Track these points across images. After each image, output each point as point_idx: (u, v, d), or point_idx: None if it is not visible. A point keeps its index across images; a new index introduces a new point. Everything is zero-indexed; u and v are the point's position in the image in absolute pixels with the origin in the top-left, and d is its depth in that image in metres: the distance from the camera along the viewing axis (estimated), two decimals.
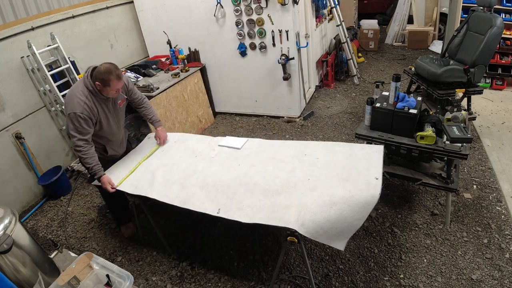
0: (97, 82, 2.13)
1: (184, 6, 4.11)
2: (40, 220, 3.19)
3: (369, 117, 2.54)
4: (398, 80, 2.41)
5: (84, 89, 2.15)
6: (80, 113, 2.10)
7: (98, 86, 2.14)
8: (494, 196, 2.75)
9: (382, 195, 1.80)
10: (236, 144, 2.45)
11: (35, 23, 3.34)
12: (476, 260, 2.24)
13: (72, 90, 2.19)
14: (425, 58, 3.49)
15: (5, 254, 1.77)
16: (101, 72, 2.11)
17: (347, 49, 5.20)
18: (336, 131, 4.01)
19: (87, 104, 2.13)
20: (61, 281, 1.59)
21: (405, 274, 2.21)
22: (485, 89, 4.33)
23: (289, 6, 3.67)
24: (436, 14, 6.56)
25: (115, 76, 2.13)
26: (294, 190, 1.88)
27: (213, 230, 2.75)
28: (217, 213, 1.88)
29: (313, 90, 5.06)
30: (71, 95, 2.15)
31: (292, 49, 3.93)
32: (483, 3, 3.20)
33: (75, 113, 2.09)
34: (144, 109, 2.66)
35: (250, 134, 4.20)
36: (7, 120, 3.18)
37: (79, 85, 2.18)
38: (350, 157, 2.09)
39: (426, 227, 2.53)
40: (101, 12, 4.07)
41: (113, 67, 2.15)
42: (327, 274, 2.28)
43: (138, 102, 2.63)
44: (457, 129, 2.23)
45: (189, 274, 2.41)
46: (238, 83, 4.47)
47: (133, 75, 3.94)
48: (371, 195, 1.74)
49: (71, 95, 2.15)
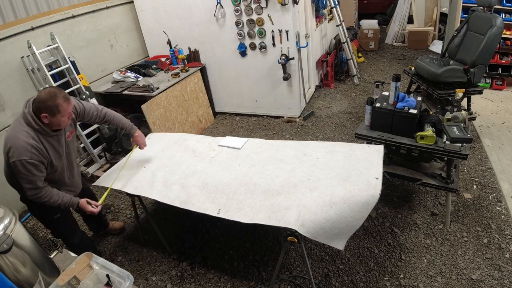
0: (44, 114, 1.79)
1: (184, 6, 4.11)
2: None
3: (369, 117, 2.55)
4: (398, 80, 2.41)
5: (28, 129, 1.80)
6: (28, 159, 1.78)
7: (45, 118, 1.80)
8: (494, 196, 2.75)
9: (382, 195, 1.80)
10: (236, 144, 2.45)
11: (35, 23, 3.34)
12: (476, 260, 2.24)
13: (13, 133, 1.81)
14: (425, 58, 3.49)
15: (5, 254, 1.77)
16: (45, 100, 1.78)
17: (347, 49, 5.19)
18: (336, 131, 4.01)
19: (34, 147, 1.80)
20: (61, 281, 1.59)
21: (405, 274, 2.21)
22: (485, 89, 4.33)
23: (289, 6, 3.67)
24: (436, 14, 6.55)
25: (62, 99, 1.81)
26: (294, 190, 1.88)
27: (213, 230, 2.75)
28: (217, 214, 1.88)
29: (313, 90, 5.06)
30: (13, 139, 1.79)
31: (292, 49, 3.94)
32: (483, 3, 3.20)
33: (22, 160, 1.77)
34: (110, 120, 2.29)
35: (250, 134, 4.20)
36: (7, 120, 3.18)
37: (19, 126, 1.82)
38: (350, 157, 2.09)
39: (426, 227, 2.53)
40: (101, 12, 4.07)
41: (55, 89, 1.86)
42: (327, 274, 2.28)
43: (100, 118, 2.23)
44: (457, 129, 2.23)
45: (189, 274, 2.41)
46: (238, 83, 4.47)
47: (133, 75, 3.95)
48: (371, 195, 1.74)
49: (13, 139, 1.79)
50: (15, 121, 1.87)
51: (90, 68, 3.97)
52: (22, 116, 1.83)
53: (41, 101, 1.78)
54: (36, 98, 1.82)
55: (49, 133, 1.88)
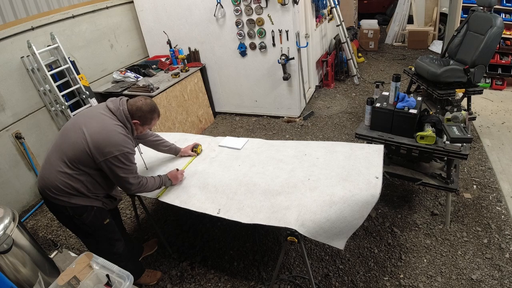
0: (136, 121, 1.85)
1: (184, 6, 4.11)
2: (40, 220, 3.19)
3: (369, 117, 2.55)
4: (398, 80, 2.41)
5: (121, 125, 1.81)
6: (131, 151, 1.79)
7: (134, 125, 1.87)
8: (494, 196, 2.75)
9: (382, 195, 1.80)
10: (236, 145, 2.45)
11: (35, 23, 3.34)
12: (476, 260, 2.24)
13: (106, 126, 1.76)
14: (425, 58, 3.49)
15: (5, 254, 1.77)
16: (145, 111, 1.84)
17: (347, 49, 5.19)
18: (336, 131, 4.01)
19: (130, 139, 1.82)
20: (61, 281, 1.59)
21: (405, 274, 2.21)
22: (485, 89, 4.33)
23: (289, 6, 3.67)
24: (436, 14, 6.56)
25: (157, 115, 1.92)
26: (294, 190, 1.88)
27: (213, 230, 2.75)
28: (217, 214, 1.88)
29: (313, 90, 5.06)
30: (108, 133, 1.74)
31: (292, 49, 3.94)
32: (483, 3, 3.20)
33: (125, 152, 1.75)
34: (159, 140, 2.33)
35: (250, 134, 4.20)
36: (7, 120, 3.18)
37: (110, 121, 1.78)
38: (350, 156, 2.09)
39: (426, 227, 2.53)
40: (101, 12, 4.07)
41: (154, 103, 1.91)
42: (327, 274, 2.28)
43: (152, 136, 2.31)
44: (457, 129, 2.23)
45: (189, 274, 2.41)
46: (238, 83, 4.47)
47: (133, 75, 3.94)
48: (371, 194, 1.74)
49: (109, 133, 1.74)
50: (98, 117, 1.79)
51: (90, 68, 3.97)
52: (114, 112, 1.80)
53: (141, 110, 1.83)
54: (133, 104, 1.84)
55: (132, 138, 1.88)
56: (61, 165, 1.76)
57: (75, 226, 1.93)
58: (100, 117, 1.79)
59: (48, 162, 1.81)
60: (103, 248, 2.02)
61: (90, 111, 1.88)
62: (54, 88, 3.32)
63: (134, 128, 1.89)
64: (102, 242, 2.02)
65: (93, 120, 1.79)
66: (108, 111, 1.82)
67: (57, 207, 1.85)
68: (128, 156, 1.78)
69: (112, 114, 1.81)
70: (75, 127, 1.79)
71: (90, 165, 1.78)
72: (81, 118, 1.83)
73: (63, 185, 1.77)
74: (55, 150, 1.81)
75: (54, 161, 1.78)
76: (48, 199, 1.83)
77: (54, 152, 1.81)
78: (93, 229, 1.93)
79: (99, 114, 1.81)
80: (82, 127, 1.76)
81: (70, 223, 1.93)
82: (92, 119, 1.79)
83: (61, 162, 1.76)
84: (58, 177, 1.76)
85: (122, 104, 1.84)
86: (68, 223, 1.94)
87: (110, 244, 2.05)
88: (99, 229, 1.96)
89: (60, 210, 1.87)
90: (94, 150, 1.72)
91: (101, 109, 1.83)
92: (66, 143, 1.77)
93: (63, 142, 1.79)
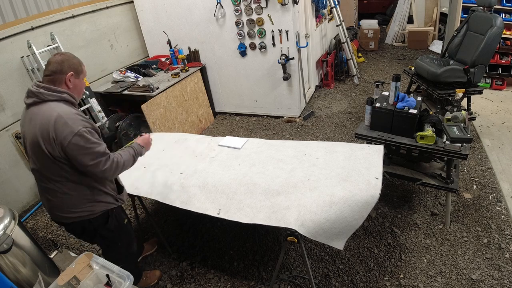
0: (70, 73, 1.57)
1: (184, 6, 4.11)
2: (40, 220, 3.19)
3: (369, 117, 2.55)
4: (398, 80, 2.41)
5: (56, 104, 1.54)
6: (84, 128, 1.53)
7: (71, 78, 1.58)
8: (494, 196, 2.75)
9: (382, 195, 1.80)
10: (236, 144, 2.45)
11: (35, 23, 3.34)
12: (476, 260, 2.24)
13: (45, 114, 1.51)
14: (425, 58, 3.49)
15: (5, 254, 1.77)
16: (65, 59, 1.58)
17: (347, 49, 5.19)
18: (336, 131, 4.01)
19: (78, 114, 1.58)
20: (61, 281, 1.59)
21: (405, 274, 2.21)
22: (485, 89, 4.33)
23: (289, 6, 3.67)
24: (436, 14, 6.55)
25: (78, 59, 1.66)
26: (294, 190, 1.88)
27: (213, 230, 2.75)
28: (218, 214, 1.88)
29: (313, 90, 5.06)
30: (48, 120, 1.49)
31: (292, 49, 3.94)
32: (483, 3, 3.20)
33: (80, 131, 1.50)
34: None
35: (250, 134, 4.20)
36: (7, 120, 3.18)
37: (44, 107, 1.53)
38: (350, 157, 2.09)
39: (426, 227, 2.53)
40: (101, 12, 4.07)
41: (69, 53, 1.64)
42: (327, 274, 2.28)
43: None
44: (457, 129, 2.23)
45: (189, 274, 2.41)
46: (238, 83, 4.47)
47: (133, 75, 3.94)
48: (371, 195, 1.74)
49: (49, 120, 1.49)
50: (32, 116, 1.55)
51: (90, 68, 3.97)
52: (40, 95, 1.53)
53: (61, 62, 1.55)
54: (48, 68, 1.56)
55: (76, 105, 1.64)
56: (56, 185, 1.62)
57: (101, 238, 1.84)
58: (32, 114, 1.55)
59: (44, 195, 1.69)
60: (122, 251, 1.96)
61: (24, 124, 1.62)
62: None
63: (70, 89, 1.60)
64: (122, 245, 1.94)
65: (31, 123, 1.55)
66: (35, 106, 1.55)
67: (81, 225, 1.75)
68: (83, 135, 1.51)
69: (39, 104, 1.54)
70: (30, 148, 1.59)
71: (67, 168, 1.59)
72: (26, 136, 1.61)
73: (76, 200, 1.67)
74: (38, 179, 1.67)
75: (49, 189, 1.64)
76: (70, 222, 1.73)
77: (39, 181, 1.67)
78: (117, 233, 1.86)
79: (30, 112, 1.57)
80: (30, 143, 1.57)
81: (96, 237, 1.84)
82: (30, 124, 1.56)
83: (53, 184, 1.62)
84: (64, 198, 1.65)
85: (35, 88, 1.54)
86: (94, 237, 1.84)
87: (129, 244, 2.00)
88: (121, 231, 1.90)
89: (84, 227, 1.76)
90: (50, 148, 1.51)
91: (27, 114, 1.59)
92: (38, 164, 1.60)
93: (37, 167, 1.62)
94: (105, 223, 1.79)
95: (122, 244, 1.94)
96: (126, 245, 1.98)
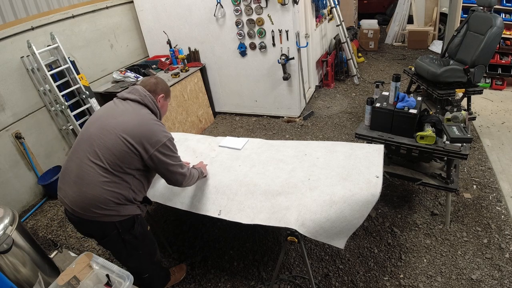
0: (162, 95, 1.80)
1: (184, 6, 4.11)
2: (40, 220, 3.19)
3: (369, 117, 2.55)
4: (398, 80, 2.41)
5: (150, 113, 1.72)
6: (171, 137, 1.71)
7: (161, 99, 1.80)
8: (494, 196, 2.75)
9: (382, 195, 1.80)
10: (236, 145, 2.45)
11: (35, 23, 3.34)
12: (476, 260, 2.24)
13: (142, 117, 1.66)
14: (425, 58, 3.49)
15: (5, 254, 1.77)
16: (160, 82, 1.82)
17: (347, 49, 5.20)
18: (336, 131, 4.01)
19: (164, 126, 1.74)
20: (61, 281, 1.59)
21: (405, 274, 2.21)
22: (485, 89, 4.33)
23: (289, 6, 3.67)
24: (436, 14, 6.56)
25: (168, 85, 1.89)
26: (294, 190, 1.88)
27: (213, 230, 2.75)
28: (218, 215, 1.89)
29: (313, 90, 5.06)
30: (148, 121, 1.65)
31: (292, 49, 3.94)
32: (483, 3, 3.20)
33: (171, 138, 1.70)
34: None
35: (250, 134, 4.20)
36: (7, 120, 3.18)
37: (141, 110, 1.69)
38: (350, 156, 2.09)
39: (426, 227, 2.53)
40: (101, 12, 4.07)
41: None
42: (327, 274, 2.28)
43: None
44: (457, 129, 2.23)
45: (189, 274, 2.41)
46: (238, 83, 4.47)
47: (133, 75, 3.94)
48: (371, 193, 1.74)
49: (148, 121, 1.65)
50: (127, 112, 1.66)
51: (90, 68, 3.97)
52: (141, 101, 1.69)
53: (157, 83, 1.79)
54: (147, 83, 1.77)
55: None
56: (103, 173, 1.57)
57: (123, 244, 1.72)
58: (129, 111, 1.66)
59: (80, 177, 1.58)
60: (145, 260, 1.88)
61: (109, 111, 1.71)
62: (54, 88, 3.32)
63: (161, 112, 1.82)
64: (145, 254, 1.87)
65: (123, 117, 1.64)
66: (133, 103, 1.69)
67: (104, 227, 1.64)
68: (173, 142, 1.72)
69: (139, 104, 1.70)
70: (103, 131, 1.61)
71: (135, 164, 1.63)
72: (105, 120, 1.65)
73: (112, 196, 1.58)
74: (85, 162, 1.59)
75: (91, 173, 1.56)
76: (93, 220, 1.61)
77: (84, 164, 1.58)
78: (141, 240, 1.78)
79: (126, 109, 1.67)
80: (113, 129, 1.60)
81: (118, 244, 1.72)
82: (121, 117, 1.64)
83: (102, 171, 1.57)
84: (104, 188, 1.56)
85: (142, 90, 1.73)
86: (115, 243, 1.73)
87: (152, 253, 1.92)
88: (146, 238, 1.83)
89: (107, 230, 1.66)
90: (139, 145, 1.60)
91: (121, 105, 1.69)
92: (101, 149, 1.58)
93: (96, 150, 1.59)
94: (130, 227, 1.71)
95: (144, 252, 1.85)
96: (149, 253, 1.90)
